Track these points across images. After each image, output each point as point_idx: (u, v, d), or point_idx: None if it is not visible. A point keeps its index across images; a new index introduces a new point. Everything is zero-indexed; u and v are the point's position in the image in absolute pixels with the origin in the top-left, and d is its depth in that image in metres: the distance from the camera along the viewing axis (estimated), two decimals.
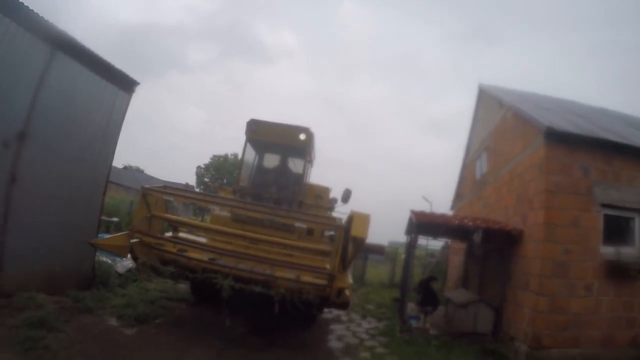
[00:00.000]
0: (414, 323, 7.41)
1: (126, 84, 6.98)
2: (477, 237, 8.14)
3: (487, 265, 8.41)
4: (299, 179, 7.91)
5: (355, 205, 6.52)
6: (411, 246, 8.59)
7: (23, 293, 5.32)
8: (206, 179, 37.46)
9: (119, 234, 5.51)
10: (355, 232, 5.12)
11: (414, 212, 8.13)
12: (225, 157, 39.63)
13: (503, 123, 9.07)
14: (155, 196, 5.51)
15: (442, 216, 8.62)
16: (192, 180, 39.47)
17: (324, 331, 6.92)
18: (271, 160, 8.37)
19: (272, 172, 8.12)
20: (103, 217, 8.31)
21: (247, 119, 7.53)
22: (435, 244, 15.84)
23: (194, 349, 5.01)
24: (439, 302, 7.86)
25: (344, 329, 7.22)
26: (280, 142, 7.84)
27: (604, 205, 6.68)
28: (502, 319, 7.22)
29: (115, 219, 11.54)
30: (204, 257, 5.31)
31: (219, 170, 37.97)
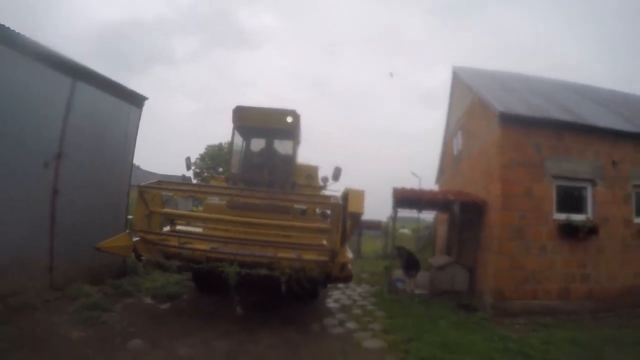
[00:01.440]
0: (400, 285, 8.62)
1: (137, 100, 8.04)
2: (455, 209, 9.34)
3: (464, 233, 9.56)
4: (290, 161, 8.05)
5: (351, 182, 7.12)
6: (394, 219, 9.72)
7: (72, 285, 6.47)
8: (196, 169, 35.10)
9: (120, 234, 5.64)
10: (352, 207, 5.41)
11: (394, 189, 9.20)
12: (220, 146, 38.75)
13: (472, 105, 10.08)
14: (152, 192, 5.65)
15: (418, 191, 9.72)
16: (185, 171, 39.42)
17: (323, 295, 7.88)
18: (260, 145, 8.46)
19: (262, 156, 8.23)
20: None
21: (233, 106, 7.67)
22: (430, 216, 16.83)
23: (218, 317, 5.97)
24: (420, 266, 9.04)
25: (340, 293, 8.36)
26: (267, 126, 7.97)
27: (556, 177, 7.78)
28: (475, 278, 8.44)
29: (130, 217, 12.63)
30: (206, 247, 5.54)
31: (215, 159, 37.36)
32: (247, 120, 7.75)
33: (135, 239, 5.44)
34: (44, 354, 4.23)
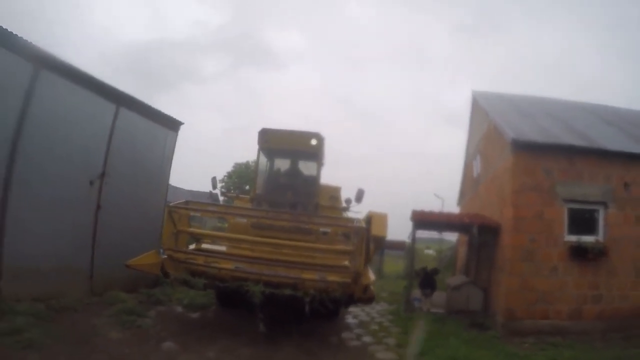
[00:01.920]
0: (416, 303, 8.96)
1: (174, 125, 8.81)
2: (473, 231, 9.65)
3: (480, 254, 9.82)
4: (313, 182, 8.07)
5: (375, 202, 7.48)
6: (412, 240, 10.05)
7: (110, 292, 7.09)
8: (223, 189, 34.82)
9: (149, 252, 5.84)
10: (375, 231, 5.71)
11: (413, 212, 9.58)
12: (247, 164, 38.62)
13: (489, 131, 10.44)
14: (180, 212, 5.92)
15: (436, 214, 10.08)
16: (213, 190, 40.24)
17: (342, 312, 8.08)
18: (284, 166, 8.55)
19: (286, 178, 8.31)
20: None
21: (259, 128, 7.82)
22: (454, 238, 17.01)
23: (243, 327, 6.31)
24: (436, 286, 9.33)
25: (359, 310, 8.67)
26: (292, 148, 8.05)
27: (567, 200, 8.03)
28: (489, 298, 8.68)
29: None
30: (231, 266, 5.70)
31: (242, 177, 37.77)
32: (273, 142, 7.86)
33: (163, 256, 5.70)
34: (86, 351, 4.76)
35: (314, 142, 7.78)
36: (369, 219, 5.99)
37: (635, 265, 8.11)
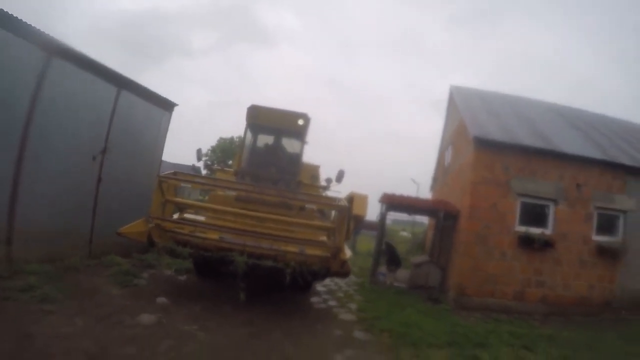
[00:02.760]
0: (381, 277, 9.97)
1: (168, 106, 9.50)
2: (439, 215, 10.64)
3: (444, 237, 10.83)
4: (297, 161, 8.38)
5: (356, 183, 8.01)
6: (382, 219, 10.97)
7: (106, 256, 7.90)
8: (207, 161, 35.89)
9: (137, 221, 5.92)
10: (356, 210, 6.08)
11: (383, 195, 10.47)
12: (231, 139, 39.53)
13: (460, 125, 11.31)
14: (169, 182, 6.01)
15: (405, 198, 10.89)
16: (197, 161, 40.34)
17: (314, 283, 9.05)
18: (270, 143, 8.76)
19: (271, 154, 8.52)
20: None
21: (248, 105, 7.99)
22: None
23: (226, 289, 6.90)
24: (401, 263, 10.36)
25: (329, 281, 9.29)
26: (279, 126, 8.31)
27: (520, 194, 9.03)
28: (446, 276, 9.74)
29: None
30: (215, 236, 5.84)
31: (225, 152, 37.74)
32: (261, 119, 8.08)
33: (150, 225, 5.77)
34: (93, 304, 5.59)
35: (300, 122, 8.06)
36: (351, 198, 6.33)
37: (580, 258, 9.15)
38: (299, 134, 8.32)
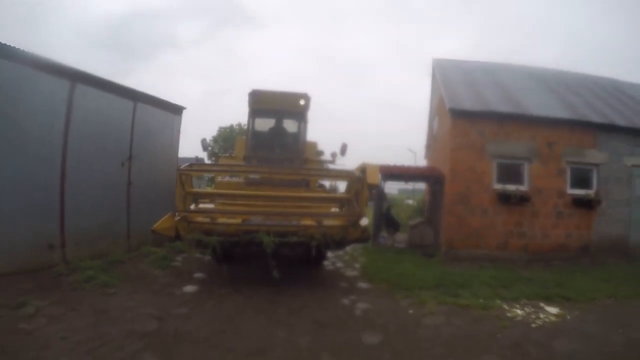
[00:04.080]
0: (382, 240, 11.27)
1: (178, 110, 10.69)
2: (431, 181, 11.84)
3: (435, 199, 12.07)
4: (301, 140, 8.68)
5: (360, 156, 8.74)
6: (381, 189, 12.07)
7: (143, 247, 9.21)
8: (214, 150, 36.79)
9: (165, 217, 6.16)
10: (370, 180, 6.43)
11: (381, 166, 11.61)
12: (231, 127, 40.50)
13: (440, 97, 12.40)
14: (186, 174, 6.09)
15: (400, 167, 11.99)
16: (199, 152, 41.61)
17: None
18: (273, 126, 8.97)
19: (276, 136, 8.80)
20: None
21: (249, 90, 8.21)
22: None
23: (251, 266, 7.66)
24: (399, 226, 11.66)
25: None
26: (281, 108, 8.52)
27: (495, 156, 10.19)
28: (438, 233, 11.03)
29: None
30: (238, 220, 6.09)
31: (227, 141, 37.85)
32: (263, 102, 8.26)
33: (176, 219, 5.98)
34: (144, 284, 6.87)
35: (302, 102, 8.30)
36: (364, 169, 6.68)
37: (556, 210, 10.29)
38: (301, 113, 8.60)
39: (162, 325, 5.04)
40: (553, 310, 6.13)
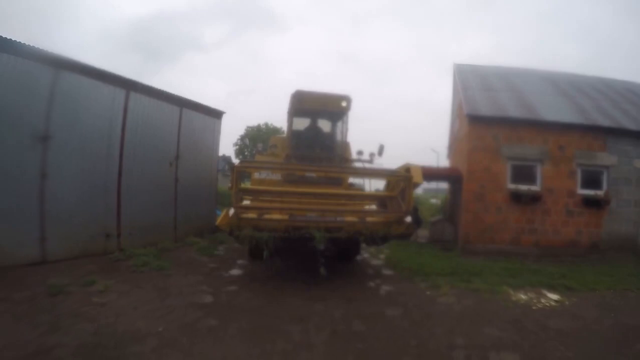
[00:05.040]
0: None
1: (218, 115, 11.83)
2: (451, 180, 12.60)
3: (455, 198, 12.86)
4: (341, 140, 8.95)
5: (387, 155, 8.56)
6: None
7: (187, 238, 10.29)
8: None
9: (224, 212, 6.24)
10: (415, 179, 6.52)
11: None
12: (259, 127, 41.71)
13: (460, 101, 13.17)
14: (243, 170, 6.35)
15: (424, 168, 12.89)
16: (228, 151, 43.13)
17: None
18: (314, 125, 9.25)
19: (316, 136, 9.03)
20: None
21: (292, 91, 8.35)
22: None
23: (298, 265, 8.30)
24: (422, 222, 12.44)
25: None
26: (323, 109, 8.70)
27: (510, 158, 10.92)
28: (456, 230, 11.82)
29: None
30: (285, 216, 6.21)
31: (254, 140, 38.72)
32: (306, 103, 8.38)
33: (231, 214, 6.00)
34: (194, 268, 7.87)
35: (343, 103, 8.45)
36: (408, 169, 6.81)
37: (567, 208, 10.91)
38: (342, 114, 8.81)
39: (216, 299, 6.06)
40: (554, 296, 6.91)
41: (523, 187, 10.84)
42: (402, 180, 6.76)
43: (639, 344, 4.93)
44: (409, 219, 6.62)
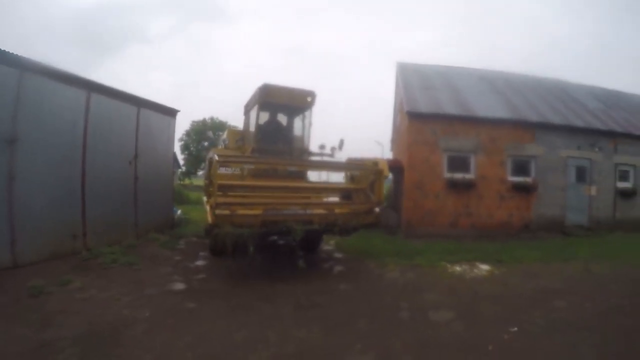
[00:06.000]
0: None
1: (173, 113, 12.13)
2: (394, 171, 13.68)
3: (397, 187, 14.00)
4: (305, 135, 9.12)
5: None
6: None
7: (148, 234, 10.62)
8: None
9: (207, 209, 6.53)
10: (385, 172, 7.00)
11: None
12: (204, 121, 40.55)
13: (401, 98, 14.30)
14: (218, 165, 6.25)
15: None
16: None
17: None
18: (278, 119, 9.33)
19: (281, 130, 9.17)
20: None
21: (260, 84, 8.36)
22: None
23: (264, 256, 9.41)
24: None
25: None
26: (289, 103, 8.74)
27: (446, 150, 12.19)
28: (400, 216, 12.98)
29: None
30: (259, 211, 6.41)
31: (200, 134, 38.66)
32: (272, 97, 8.41)
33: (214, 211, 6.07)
34: (161, 261, 8.28)
35: (309, 99, 8.67)
36: (376, 162, 7.25)
37: (498, 194, 12.43)
38: (307, 110, 8.99)
39: (189, 286, 6.66)
40: (485, 267, 8.14)
41: (458, 176, 12.14)
42: (372, 173, 7.25)
43: (555, 301, 6.10)
44: (377, 209, 7.21)
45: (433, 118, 12.17)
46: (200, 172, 38.31)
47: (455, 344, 4.52)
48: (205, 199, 7.42)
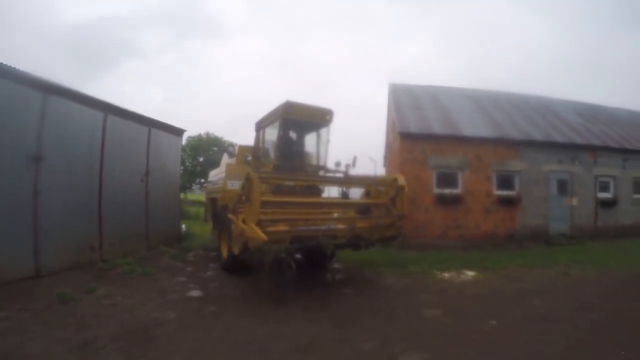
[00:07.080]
0: None
1: (180, 133, 12.93)
2: None
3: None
4: (324, 151, 9.41)
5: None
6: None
7: (157, 247, 11.25)
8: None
9: (247, 228, 6.18)
10: (406, 187, 7.44)
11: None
12: (199, 137, 39.86)
13: (393, 118, 15.22)
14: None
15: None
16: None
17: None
18: (299, 136, 9.53)
19: (301, 146, 9.43)
20: None
21: (283, 101, 8.49)
22: None
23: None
24: None
25: None
26: (310, 121, 9.00)
27: (435, 167, 13.08)
28: None
29: None
30: (286, 227, 6.50)
31: (195, 150, 38.35)
32: (294, 114, 8.59)
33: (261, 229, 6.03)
34: (175, 271, 8.91)
35: (328, 117, 9.01)
36: (396, 179, 7.65)
37: (485, 207, 13.31)
38: (326, 127, 9.32)
39: (206, 293, 7.35)
40: (471, 273, 8.98)
41: (447, 191, 13.03)
42: (393, 188, 7.78)
43: (533, 300, 6.91)
44: (399, 222, 7.73)
45: (423, 138, 13.09)
46: (196, 187, 38.71)
47: (444, 334, 5.32)
48: (230, 216, 7.34)
